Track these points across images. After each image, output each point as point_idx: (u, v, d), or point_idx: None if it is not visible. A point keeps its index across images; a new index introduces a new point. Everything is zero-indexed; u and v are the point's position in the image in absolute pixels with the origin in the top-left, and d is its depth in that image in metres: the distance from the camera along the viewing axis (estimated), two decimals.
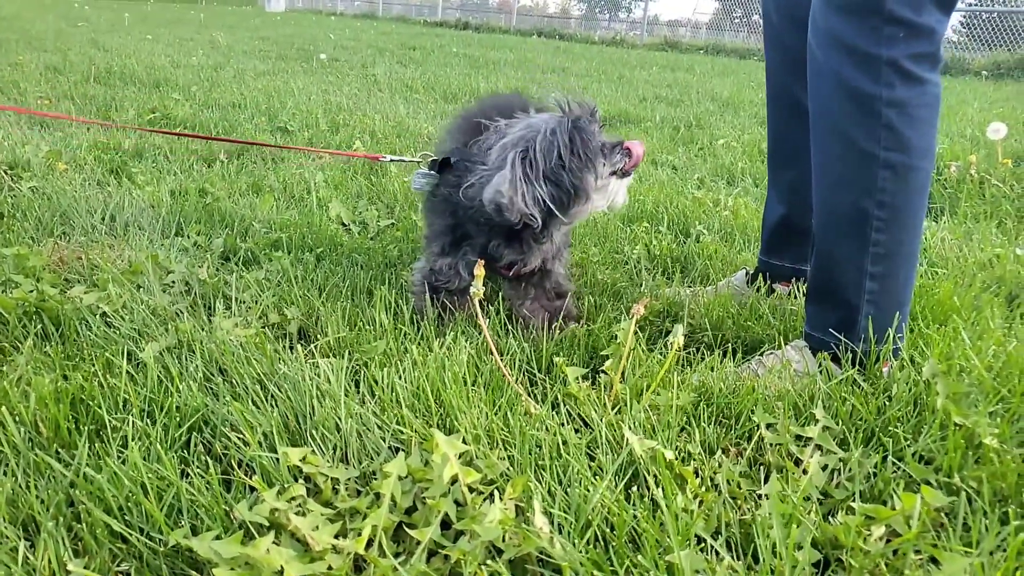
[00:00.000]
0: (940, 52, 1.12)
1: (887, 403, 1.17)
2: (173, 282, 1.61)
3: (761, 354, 1.37)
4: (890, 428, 1.10)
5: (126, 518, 0.89)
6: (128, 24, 11.15)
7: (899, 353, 1.27)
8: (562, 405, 1.18)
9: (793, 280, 1.64)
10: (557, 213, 1.28)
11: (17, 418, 1.06)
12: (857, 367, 1.26)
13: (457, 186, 1.33)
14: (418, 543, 0.87)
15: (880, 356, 1.25)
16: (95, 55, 6.24)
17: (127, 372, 1.18)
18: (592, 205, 1.33)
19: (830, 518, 0.95)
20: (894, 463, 1.04)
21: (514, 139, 1.29)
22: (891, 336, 1.24)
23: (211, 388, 1.20)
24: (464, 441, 1.04)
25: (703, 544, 0.89)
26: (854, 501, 0.97)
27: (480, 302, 1.27)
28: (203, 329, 1.37)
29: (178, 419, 1.09)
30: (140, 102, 4.04)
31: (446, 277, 1.42)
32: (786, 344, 1.38)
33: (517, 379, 1.26)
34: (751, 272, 1.71)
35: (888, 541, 0.89)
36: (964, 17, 13.93)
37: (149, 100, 4.12)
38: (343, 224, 2.18)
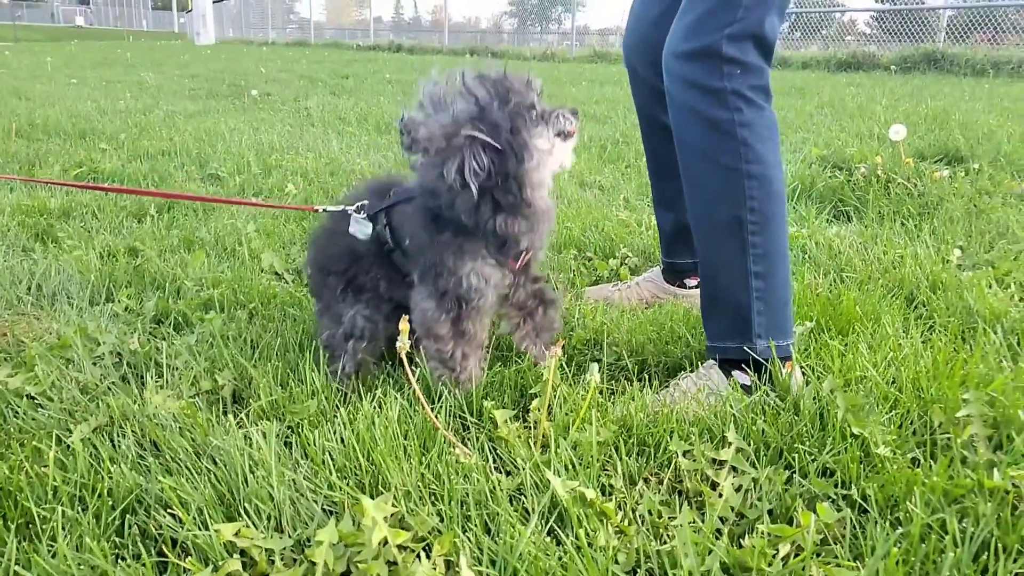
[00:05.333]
0: (769, 87, 1.35)
1: (795, 419, 1.25)
2: (103, 355, 1.60)
3: (677, 379, 1.45)
4: (796, 445, 1.18)
5: None
6: (51, 69, 10.85)
7: (790, 349, 1.40)
8: (490, 452, 1.22)
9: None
10: (507, 174, 1.26)
11: None
12: (762, 372, 1.37)
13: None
14: None
15: (780, 359, 1.35)
16: (16, 105, 6.07)
17: (56, 459, 1.18)
18: (542, 167, 1.31)
19: (742, 540, 1.02)
20: (800, 480, 1.12)
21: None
22: (786, 332, 1.39)
23: (144, 465, 1.20)
24: (395, 499, 1.08)
25: None
26: (764, 521, 1.04)
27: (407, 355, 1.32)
28: (135, 403, 1.37)
29: (111, 503, 1.10)
30: (66, 156, 3.95)
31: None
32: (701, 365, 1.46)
33: (449, 426, 1.30)
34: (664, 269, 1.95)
35: (797, 556, 0.96)
36: (875, 13, 14.65)
37: (75, 153, 4.03)
38: (276, 274, 2.19)
